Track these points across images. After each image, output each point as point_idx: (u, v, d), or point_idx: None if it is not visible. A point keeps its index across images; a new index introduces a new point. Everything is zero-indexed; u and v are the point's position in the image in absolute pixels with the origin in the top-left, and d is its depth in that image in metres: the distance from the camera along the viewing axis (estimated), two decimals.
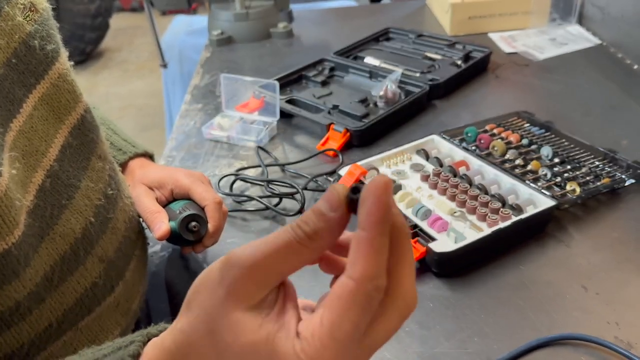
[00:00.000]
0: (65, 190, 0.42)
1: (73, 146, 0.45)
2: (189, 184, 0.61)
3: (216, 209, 0.59)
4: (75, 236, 0.43)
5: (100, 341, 0.47)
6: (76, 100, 0.46)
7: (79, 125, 0.46)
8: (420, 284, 0.62)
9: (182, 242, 0.61)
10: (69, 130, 0.45)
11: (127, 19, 4.92)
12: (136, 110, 3.30)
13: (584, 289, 0.61)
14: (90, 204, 0.45)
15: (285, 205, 0.75)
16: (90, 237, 0.45)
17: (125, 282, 0.50)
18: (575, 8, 1.36)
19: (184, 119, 1.04)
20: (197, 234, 0.58)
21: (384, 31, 1.32)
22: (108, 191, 0.48)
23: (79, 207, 0.43)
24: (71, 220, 0.42)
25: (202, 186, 0.61)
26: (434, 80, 1.05)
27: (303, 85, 1.12)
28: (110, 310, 0.49)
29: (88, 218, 0.44)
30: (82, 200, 0.44)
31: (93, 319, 0.47)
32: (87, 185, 0.45)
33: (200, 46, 1.46)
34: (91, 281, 0.45)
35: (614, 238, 0.68)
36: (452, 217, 0.70)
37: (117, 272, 0.49)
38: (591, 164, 0.78)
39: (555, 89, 1.07)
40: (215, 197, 0.60)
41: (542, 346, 0.54)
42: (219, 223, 0.59)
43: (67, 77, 0.46)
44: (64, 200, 0.42)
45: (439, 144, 0.84)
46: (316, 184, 0.81)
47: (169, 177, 0.62)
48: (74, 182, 0.43)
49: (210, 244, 0.60)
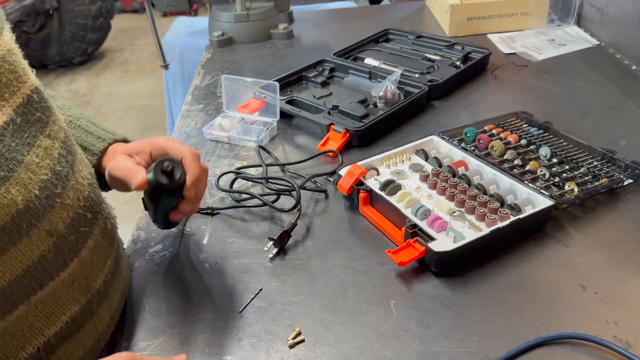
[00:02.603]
0: (6, 163, 0.45)
1: (17, 123, 0.47)
2: (165, 142, 0.63)
3: (193, 159, 0.61)
4: (18, 207, 0.45)
5: (56, 317, 0.49)
6: (20, 81, 0.49)
7: (25, 104, 0.48)
8: (420, 283, 0.63)
9: (163, 198, 0.62)
10: (13, 108, 0.47)
11: (128, 20, 4.93)
12: (137, 110, 3.30)
13: (582, 288, 0.61)
14: (35, 178, 0.47)
15: (283, 205, 0.76)
16: (36, 209, 0.46)
17: (81, 260, 0.52)
18: (573, 9, 1.37)
19: (185, 120, 1.04)
20: (172, 179, 0.59)
21: (384, 32, 1.32)
22: (57, 167, 0.50)
23: (21, 180, 0.45)
24: (12, 191, 0.44)
25: (177, 143, 0.63)
26: (433, 80, 1.05)
27: (303, 86, 1.12)
28: (66, 286, 0.50)
29: (32, 191, 0.46)
30: (25, 173, 0.46)
31: (47, 294, 0.48)
32: (31, 160, 0.47)
33: (201, 47, 1.47)
34: (39, 254, 0.47)
35: (613, 238, 0.68)
36: (451, 216, 0.70)
37: (70, 249, 0.50)
38: (589, 164, 0.78)
39: (553, 89, 1.08)
40: (192, 149, 0.62)
41: (541, 345, 0.54)
42: (197, 172, 0.60)
43: (8, 58, 0.48)
44: (3, 172, 0.44)
45: (438, 144, 0.85)
46: (315, 185, 0.81)
47: (147, 142, 0.64)
48: (15, 156, 0.46)
49: (191, 194, 0.61)
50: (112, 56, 4.17)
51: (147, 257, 0.70)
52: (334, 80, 1.14)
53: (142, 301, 0.63)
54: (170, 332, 0.59)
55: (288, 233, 0.70)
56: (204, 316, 0.60)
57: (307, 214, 0.76)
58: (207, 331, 0.59)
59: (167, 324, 0.60)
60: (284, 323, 0.59)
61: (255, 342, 0.57)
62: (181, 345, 0.57)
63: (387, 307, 0.60)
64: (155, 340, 0.58)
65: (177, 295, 0.64)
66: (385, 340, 0.56)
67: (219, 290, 0.64)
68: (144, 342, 0.58)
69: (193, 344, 0.57)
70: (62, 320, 0.50)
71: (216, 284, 0.65)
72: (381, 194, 0.73)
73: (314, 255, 0.68)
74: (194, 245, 0.72)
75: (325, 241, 0.71)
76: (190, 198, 0.61)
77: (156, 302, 0.63)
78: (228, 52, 1.37)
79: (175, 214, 0.64)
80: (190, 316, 0.61)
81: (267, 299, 0.62)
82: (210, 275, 0.66)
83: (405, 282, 0.63)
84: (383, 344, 0.56)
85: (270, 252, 0.68)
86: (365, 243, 0.70)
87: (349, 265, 0.66)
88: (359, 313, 0.59)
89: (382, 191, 0.74)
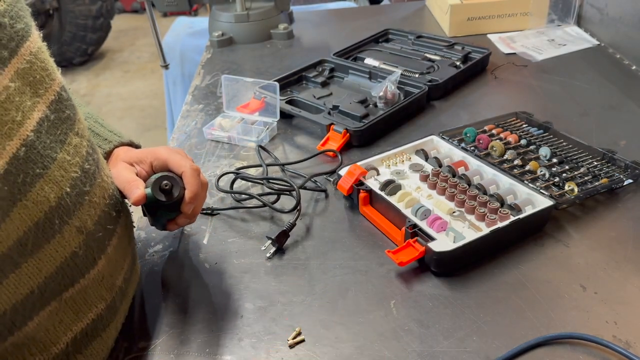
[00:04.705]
0: (41, 160, 0.45)
1: (51, 120, 0.47)
2: (166, 154, 0.63)
3: (193, 175, 0.61)
4: (50, 204, 0.45)
5: (84, 314, 0.50)
6: (51, 78, 0.49)
7: (56, 101, 0.49)
8: (420, 283, 0.63)
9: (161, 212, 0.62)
10: (47, 105, 0.47)
11: (128, 20, 4.94)
12: (138, 111, 3.31)
13: (582, 288, 0.61)
14: (66, 176, 0.47)
15: (283, 205, 0.76)
16: (67, 206, 0.47)
17: (107, 257, 0.52)
18: (573, 9, 1.37)
19: (185, 120, 1.04)
20: (170, 196, 0.59)
21: (384, 32, 1.32)
22: (85, 165, 0.50)
23: (54, 177, 0.46)
24: (45, 188, 0.45)
25: (179, 156, 0.63)
26: (433, 81, 1.05)
27: (303, 86, 1.12)
28: (96, 283, 0.51)
29: (64, 188, 0.47)
30: (58, 171, 0.46)
31: (77, 291, 0.49)
32: (63, 157, 0.47)
33: (201, 47, 1.47)
34: (70, 251, 0.47)
35: (612, 238, 0.68)
36: (451, 216, 0.70)
37: (98, 246, 0.51)
38: (589, 164, 0.78)
39: (553, 89, 1.08)
40: (192, 164, 0.62)
41: (541, 345, 0.54)
42: (195, 189, 0.61)
43: (39, 55, 0.48)
44: (39, 169, 0.44)
45: (438, 144, 0.85)
46: (315, 184, 0.81)
47: (148, 152, 0.64)
48: (50, 153, 0.46)
49: (188, 210, 0.61)
50: (112, 56, 4.17)
51: (147, 256, 0.70)
52: (334, 80, 1.14)
53: (142, 301, 0.63)
54: (170, 332, 0.59)
55: (286, 233, 0.70)
56: (204, 316, 0.60)
57: (307, 214, 0.76)
58: (207, 331, 0.59)
59: (167, 324, 0.60)
60: (284, 323, 0.59)
61: (255, 342, 0.57)
62: (181, 345, 0.57)
63: (387, 307, 0.60)
64: (155, 340, 0.58)
65: (177, 295, 0.64)
66: (385, 340, 0.56)
67: (219, 290, 0.64)
68: (144, 342, 0.58)
69: (193, 344, 0.57)
70: (88, 317, 0.51)
71: (216, 284, 0.65)
72: (381, 194, 0.73)
73: (314, 255, 0.68)
74: (194, 245, 0.72)
75: (325, 241, 0.71)
76: (187, 213, 0.62)
77: (156, 302, 0.63)
78: (228, 52, 1.37)
79: (172, 225, 0.65)
80: (190, 316, 0.61)
81: (267, 299, 0.62)
82: (210, 275, 0.66)
83: (405, 282, 0.63)
84: (383, 344, 0.56)
85: (268, 251, 0.68)
86: (365, 243, 0.70)
87: (349, 265, 0.66)
88: (359, 313, 0.59)
89: (382, 191, 0.74)
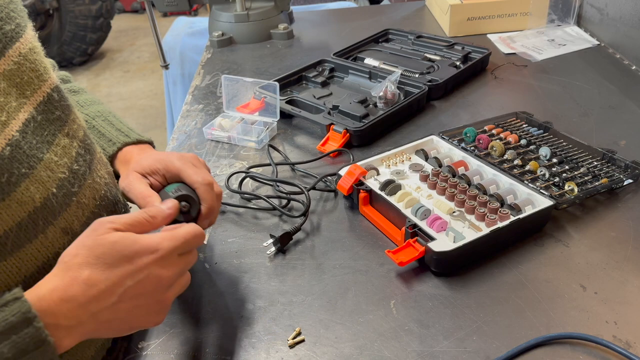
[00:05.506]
0: (27, 160, 0.45)
1: (37, 120, 0.47)
2: (179, 167, 0.60)
3: (207, 190, 0.59)
4: (35, 205, 0.45)
5: None
6: (41, 79, 0.49)
7: (45, 102, 0.49)
8: (420, 283, 0.63)
9: None
10: (34, 106, 0.47)
11: (128, 20, 4.94)
12: (138, 110, 3.31)
13: (582, 288, 0.61)
14: (53, 176, 0.47)
15: (291, 206, 0.76)
16: (52, 207, 0.46)
17: None
18: (573, 9, 1.37)
19: (185, 120, 1.04)
20: (188, 215, 0.58)
21: (384, 32, 1.32)
22: (74, 166, 0.50)
23: (40, 178, 0.45)
24: (31, 188, 0.44)
25: (192, 168, 0.60)
26: (433, 81, 1.05)
27: (303, 86, 1.12)
28: None
29: (50, 189, 0.46)
30: (44, 171, 0.46)
31: None
32: (50, 158, 0.47)
33: (201, 47, 1.47)
34: (54, 252, 0.47)
35: (612, 237, 0.68)
36: (451, 216, 0.70)
37: None
38: (589, 164, 0.78)
39: (553, 89, 1.08)
40: (206, 178, 0.60)
41: (541, 345, 0.54)
42: (211, 204, 0.59)
43: (30, 57, 0.48)
44: (24, 169, 0.44)
45: (438, 144, 0.85)
46: (325, 184, 0.81)
47: (160, 163, 0.62)
48: (36, 153, 0.46)
49: (205, 226, 0.60)
50: (112, 56, 4.17)
51: None
52: (334, 80, 1.14)
53: None
54: (170, 332, 0.59)
55: (290, 235, 0.70)
56: (204, 316, 0.61)
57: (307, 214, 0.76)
58: (207, 331, 0.59)
59: (167, 324, 0.60)
60: (284, 323, 0.59)
61: (255, 342, 0.57)
62: (181, 345, 0.57)
63: (387, 307, 0.60)
64: (156, 340, 0.58)
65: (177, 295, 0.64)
66: (385, 340, 0.56)
67: (219, 290, 0.64)
68: (144, 342, 0.58)
69: (193, 344, 0.57)
70: None
71: (216, 283, 0.65)
72: (381, 194, 0.73)
73: (314, 255, 0.68)
74: None
75: (325, 241, 0.71)
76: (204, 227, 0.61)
77: None
78: (228, 52, 1.37)
79: None
80: (190, 316, 0.61)
81: (267, 298, 0.62)
82: (210, 275, 0.66)
83: (405, 282, 0.63)
84: (383, 344, 0.56)
85: (269, 248, 0.68)
86: (365, 243, 0.70)
87: (349, 265, 0.66)
88: (359, 313, 0.59)
89: (382, 191, 0.74)
